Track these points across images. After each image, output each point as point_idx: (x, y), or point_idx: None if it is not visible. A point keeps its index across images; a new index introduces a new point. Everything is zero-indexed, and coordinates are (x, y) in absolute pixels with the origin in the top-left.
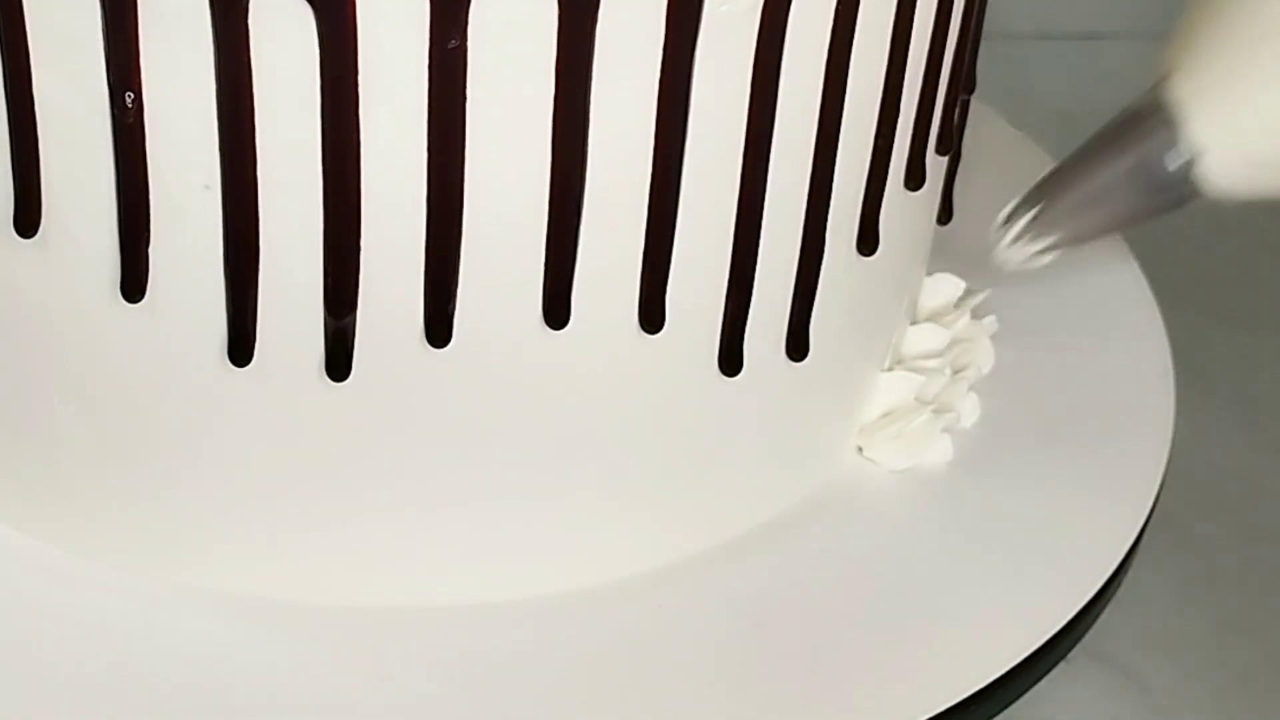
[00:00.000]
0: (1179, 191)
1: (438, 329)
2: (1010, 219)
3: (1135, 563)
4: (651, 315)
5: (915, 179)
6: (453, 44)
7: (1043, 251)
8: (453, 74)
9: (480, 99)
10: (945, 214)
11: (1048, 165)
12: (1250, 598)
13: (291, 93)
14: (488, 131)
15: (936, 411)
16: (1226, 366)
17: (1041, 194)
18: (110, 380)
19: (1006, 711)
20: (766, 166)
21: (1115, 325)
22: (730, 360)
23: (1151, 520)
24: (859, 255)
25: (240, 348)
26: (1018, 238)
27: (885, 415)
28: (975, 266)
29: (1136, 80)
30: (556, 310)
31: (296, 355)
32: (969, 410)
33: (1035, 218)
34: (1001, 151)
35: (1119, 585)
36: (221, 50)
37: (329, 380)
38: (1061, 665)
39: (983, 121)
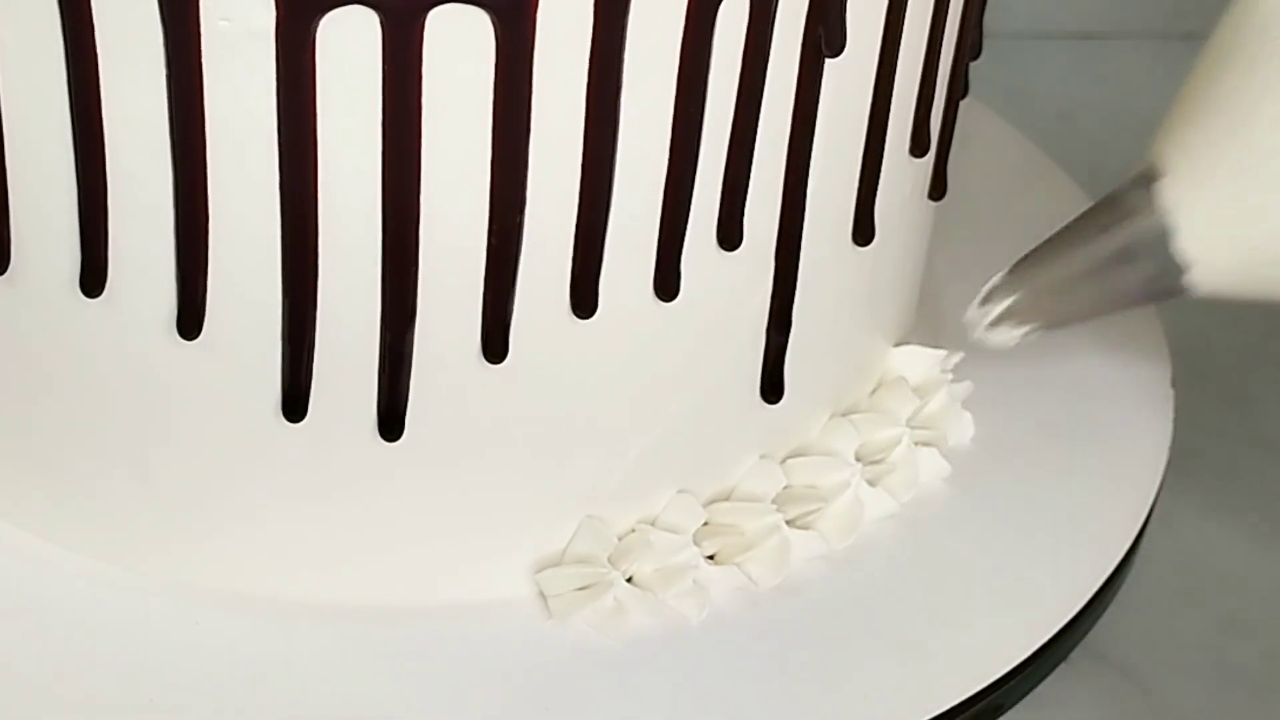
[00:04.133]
0: (1163, 290)
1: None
2: (988, 300)
3: (1135, 563)
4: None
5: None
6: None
7: (1022, 334)
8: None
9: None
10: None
11: (1046, 165)
12: (1250, 598)
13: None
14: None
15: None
16: (1226, 366)
17: (1021, 279)
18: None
19: (1007, 712)
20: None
21: (1115, 325)
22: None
23: (1151, 520)
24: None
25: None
26: (997, 321)
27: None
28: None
29: (1137, 80)
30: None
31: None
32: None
33: (1015, 303)
34: (1001, 151)
35: (1119, 585)
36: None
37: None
38: (1061, 665)
39: (982, 121)
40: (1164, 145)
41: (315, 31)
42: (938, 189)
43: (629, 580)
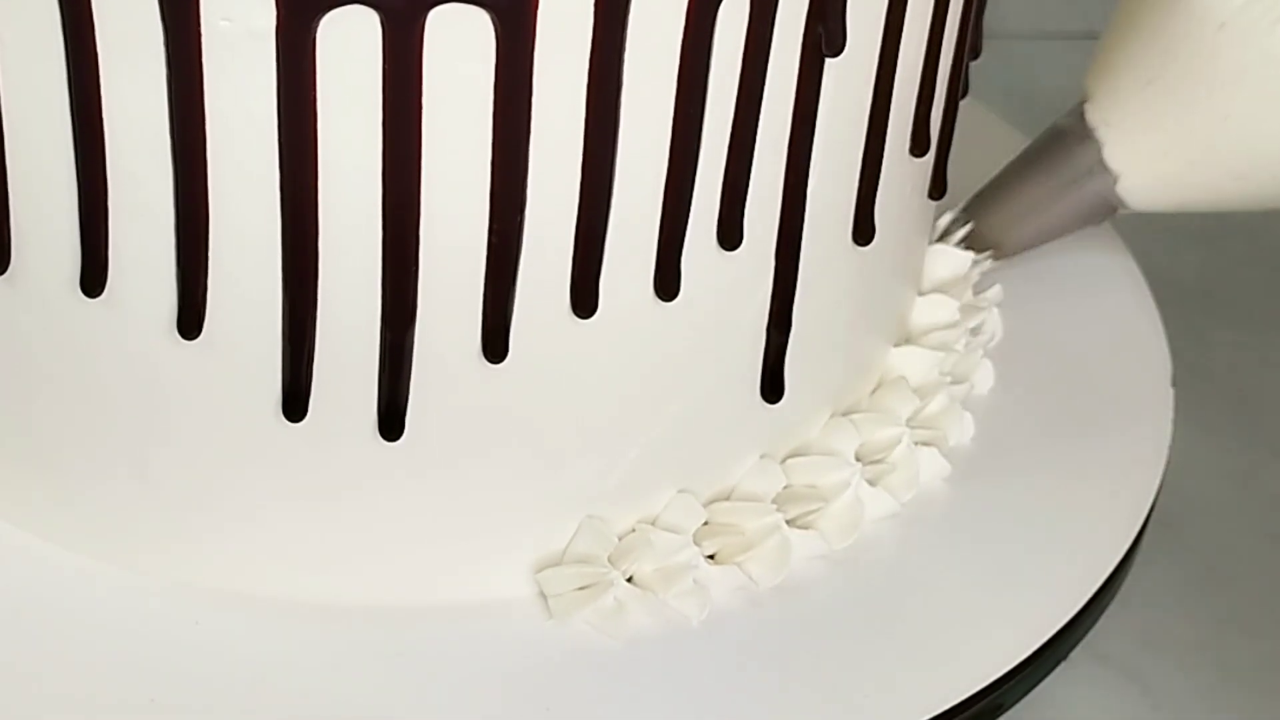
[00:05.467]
0: (1103, 205)
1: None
2: (946, 234)
3: (1135, 563)
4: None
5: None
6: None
7: (980, 261)
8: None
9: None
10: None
11: None
12: (1250, 598)
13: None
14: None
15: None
16: (1226, 366)
17: (975, 210)
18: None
19: (1007, 712)
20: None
21: (1115, 325)
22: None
23: (1151, 520)
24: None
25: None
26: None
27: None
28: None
29: None
30: (585, 299)
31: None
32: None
33: (971, 233)
34: (1001, 151)
35: (1119, 585)
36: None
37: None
38: (1062, 665)
39: (981, 121)
40: (1092, 71)
41: (316, 31)
42: (938, 188)
43: (629, 580)
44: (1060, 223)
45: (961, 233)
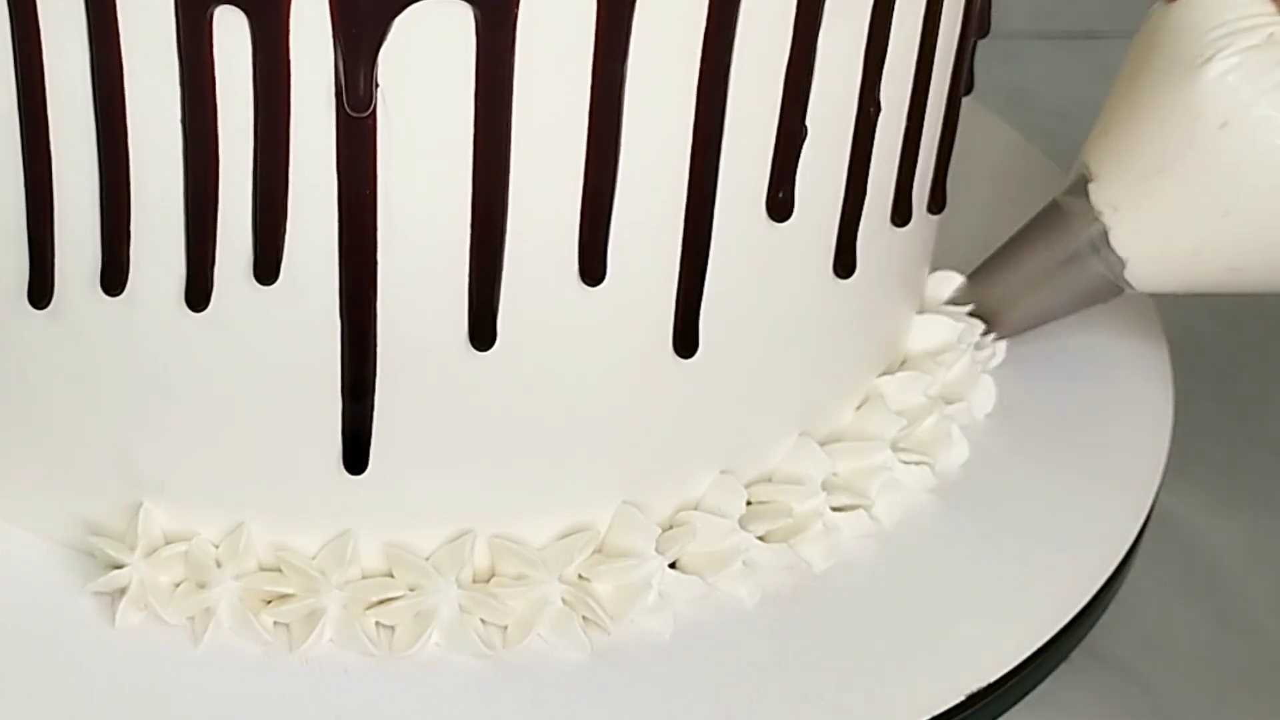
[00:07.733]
0: (1108, 288)
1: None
2: (953, 303)
3: (1135, 563)
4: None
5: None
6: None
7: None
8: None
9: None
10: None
11: (1046, 165)
12: (1250, 598)
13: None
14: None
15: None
16: (1226, 366)
17: (975, 289)
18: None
19: (1007, 712)
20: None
21: (1114, 325)
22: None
23: (1151, 520)
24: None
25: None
26: None
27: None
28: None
29: None
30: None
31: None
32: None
33: (970, 313)
34: (1001, 151)
35: (1119, 585)
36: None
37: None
38: (1062, 665)
39: (981, 121)
40: (1094, 150)
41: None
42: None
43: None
44: (1066, 305)
45: (967, 308)
